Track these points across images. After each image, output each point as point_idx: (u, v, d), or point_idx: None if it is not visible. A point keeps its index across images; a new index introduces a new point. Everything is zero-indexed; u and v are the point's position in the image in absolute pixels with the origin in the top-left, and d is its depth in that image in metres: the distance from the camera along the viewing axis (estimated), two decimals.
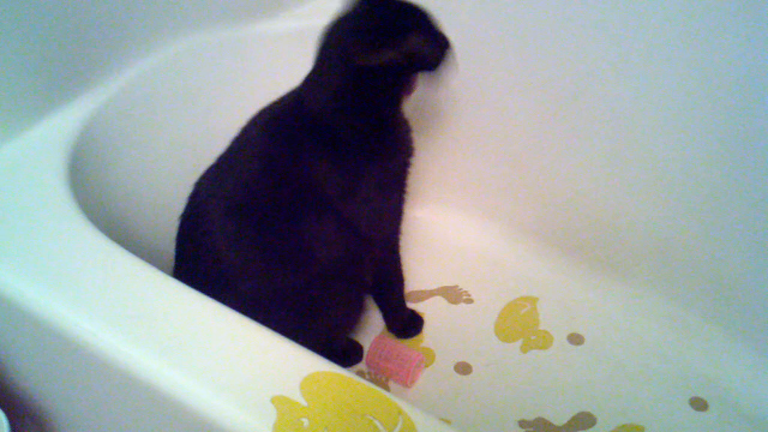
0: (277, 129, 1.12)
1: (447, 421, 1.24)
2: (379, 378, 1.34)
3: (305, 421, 0.76)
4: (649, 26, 1.26)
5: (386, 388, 1.32)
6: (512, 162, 1.54)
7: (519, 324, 1.47)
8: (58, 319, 0.88)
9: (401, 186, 1.20)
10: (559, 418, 1.29)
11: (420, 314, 1.46)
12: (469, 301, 1.52)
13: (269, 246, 1.08)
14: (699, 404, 1.31)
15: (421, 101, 1.24)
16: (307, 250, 1.10)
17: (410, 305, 1.46)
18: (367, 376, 1.35)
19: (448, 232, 1.64)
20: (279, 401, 0.77)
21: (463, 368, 1.37)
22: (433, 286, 1.54)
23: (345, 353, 1.37)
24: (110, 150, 1.23)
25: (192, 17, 1.37)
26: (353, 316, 1.29)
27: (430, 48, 1.08)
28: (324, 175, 1.08)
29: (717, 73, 1.22)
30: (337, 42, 1.07)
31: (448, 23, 1.45)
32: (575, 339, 1.43)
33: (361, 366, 1.37)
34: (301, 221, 1.09)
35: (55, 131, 1.15)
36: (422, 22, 1.08)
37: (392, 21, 1.05)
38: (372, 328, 1.43)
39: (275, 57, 1.49)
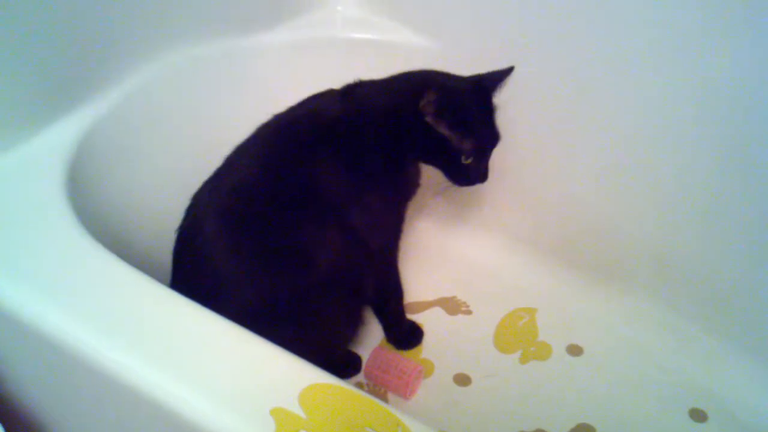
0: (284, 133, 1.13)
1: None
2: (378, 389, 1.34)
3: None
4: (647, 34, 1.26)
5: (385, 399, 1.32)
6: (510, 173, 1.54)
7: (518, 335, 1.46)
8: (54, 329, 0.88)
9: (401, 208, 1.23)
10: (559, 430, 1.28)
11: (420, 325, 1.45)
12: (468, 312, 1.52)
13: (268, 252, 1.08)
14: (698, 415, 1.31)
15: None
16: (307, 257, 1.11)
17: (409, 316, 1.46)
18: (365, 388, 1.35)
19: (446, 243, 1.64)
20: (277, 413, 0.77)
21: (462, 380, 1.37)
22: (432, 297, 1.54)
23: (343, 365, 1.36)
24: (108, 161, 1.23)
25: (190, 29, 1.37)
26: (352, 327, 1.29)
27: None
28: (331, 179, 1.10)
29: (716, 83, 1.22)
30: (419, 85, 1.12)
31: (444, 33, 1.47)
32: (574, 350, 1.43)
33: (360, 377, 1.37)
34: (301, 226, 1.09)
35: (54, 142, 1.15)
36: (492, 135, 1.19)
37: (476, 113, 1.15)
38: (370, 339, 1.43)
39: (273, 68, 1.50)
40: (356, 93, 1.16)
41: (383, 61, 1.15)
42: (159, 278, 0.96)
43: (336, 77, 1.18)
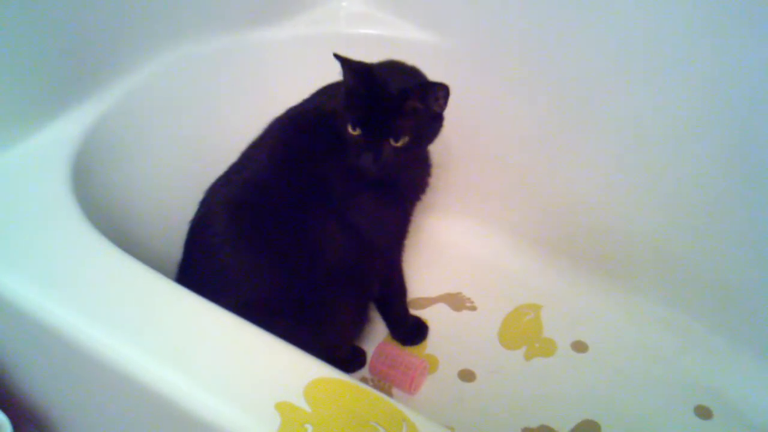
0: (295, 131, 1.14)
1: (450, 429, 1.24)
2: (383, 385, 1.34)
3: (309, 428, 0.75)
4: (650, 35, 1.26)
5: (390, 394, 1.31)
6: (515, 170, 1.54)
7: (522, 331, 1.46)
8: (61, 324, 0.88)
9: (404, 208, 1.21)
10: (563, 426, 1.28)
11: (425, 321, 1.45)
12: (473, 308, 1.51)
13: (276, 246, 1.09)
14: (703, 412, 1.30)
15: None
16: (315, 253, 1.11)
17: (414, 312, 1.46)
18: (370, 383, 1.34)
19: (451, 239, 1.64)
20: (283, 407, 0.77)
21: (467, 375, 1.37)
22: (437, 293, 1.54)
23: (348, 359, 1.36)
24: (113, 156, 1.24)
25: (194, 25, 1.37)
26: (358, 325, 1.29)
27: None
28: (332, 175, 1.10)
29: (719, 81, 1.22)
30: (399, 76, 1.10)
31: (449, 29, 1.47)
32: (579, 346, 1.43)
33: (365, 372, 1.37)
34: (309, 223, 1.09)
35: (59, 137, 1.15)
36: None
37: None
38: (375, 334, 1.43)
39: (277, 64, 1.50)
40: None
41: (388, 57, 1.15)
42: (164, 271, 0.96)
43: (341, 73, 1.18)
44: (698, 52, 1.23)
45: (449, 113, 1.09)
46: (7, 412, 0.97)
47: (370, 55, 1.12)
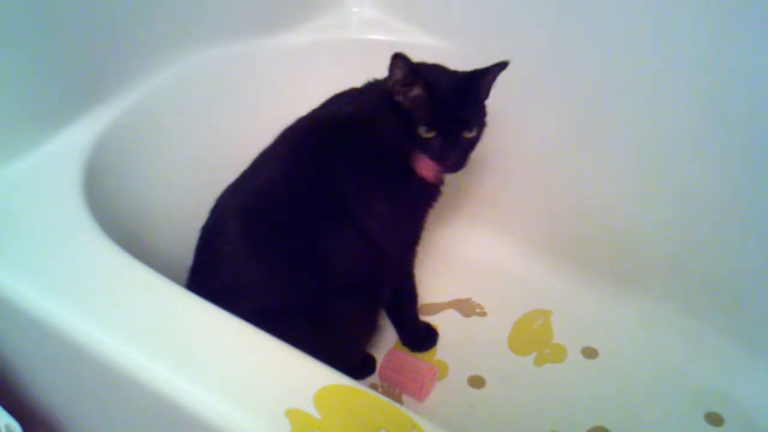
0: (308, 138, 1.14)
1: None
2: (393, 391, 1.34)
3: None
4: (662, 40, 1.26)
5: (399, 401, 1.32)
6: (526, 176, 1.54)
7: (533, 337, 1.46)
8: (72, 330, 0.89)
9: (417, 215, 1.21)
10: None
11: (434, 327, 1.45)
12: (483, 314, 1.51)
13: (287, 253, 1.09)
14: (714, 419, 1.30)
15: None
16: (325, 260, 1.11)
17: (423, 318, 1.46)
18: (380, 389, 1.35)
19: (461, 244, 1.64)
20: (293, 414, 0.77)
21: (477, 382, 1.37)
22: (447, 299, 1.54)
23: (358, 366, 1.36)
24: (125, 163, 1.24)
25: (208, 31, 1.38)
26: (368, 332, 1.29)
27: None
28: (345, 183, 1.10)
29: (734, 87, 1.22)
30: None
31: (460, 35, 1.47)
32: (589, 353, 1.43)
33: (374, 379, 1.37)
34: (321, 230, 1.10)
35: (71, 144, 1.16)
36: None
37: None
38: (385, 340, 1.43)
39: (290, 69, 1.50)
40: (370, 92, 1.16)
41: None
42: (175, 278, 0.97)
43: (353, 79, 1.18)
44: (707, 57, 1.23)
45: None
46: (17, 416, 0.98)
47: (382, 61, 1.12)
